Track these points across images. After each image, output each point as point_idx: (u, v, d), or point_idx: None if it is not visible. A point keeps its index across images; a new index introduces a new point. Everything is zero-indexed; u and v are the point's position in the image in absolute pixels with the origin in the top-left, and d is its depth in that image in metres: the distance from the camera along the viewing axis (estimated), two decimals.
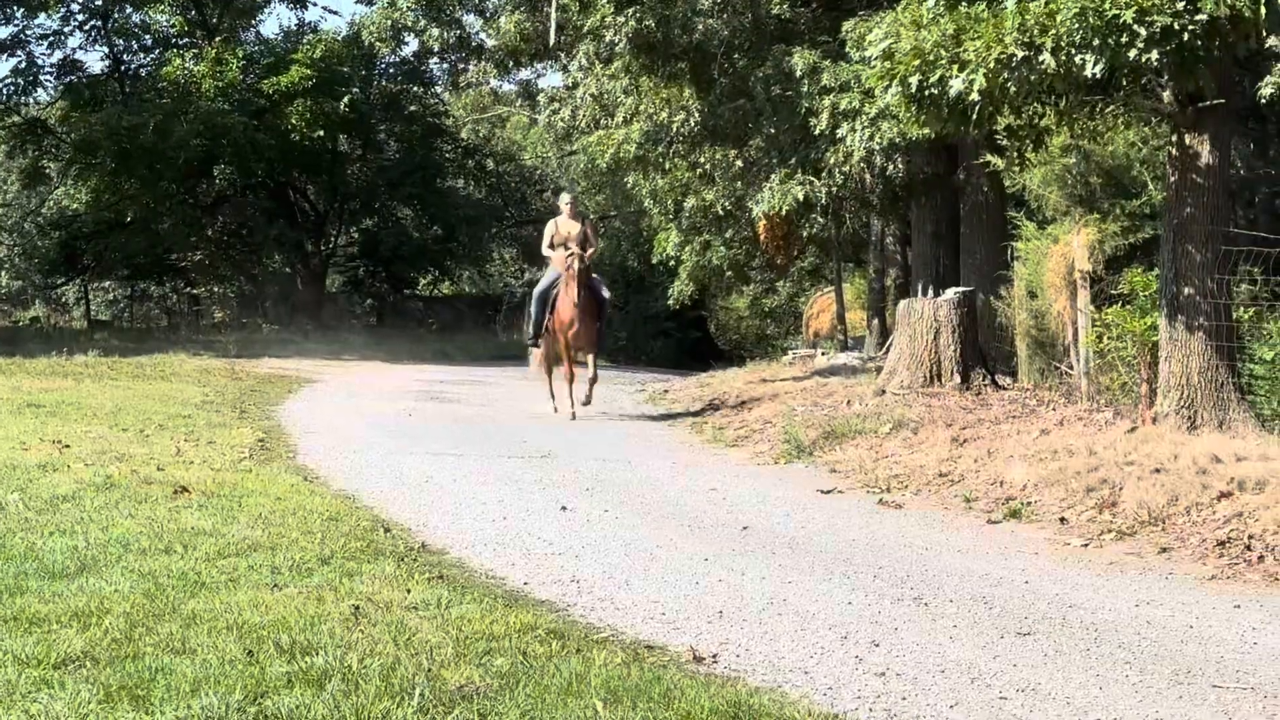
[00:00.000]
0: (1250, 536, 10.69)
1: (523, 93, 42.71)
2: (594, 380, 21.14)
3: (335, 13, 78.68)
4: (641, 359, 41.04)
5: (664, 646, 7.82)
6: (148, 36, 44.01)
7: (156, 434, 16.57)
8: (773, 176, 22.76)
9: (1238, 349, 15.14)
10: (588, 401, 20.82)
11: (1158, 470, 12.18)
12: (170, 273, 45.71)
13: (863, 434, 16.01)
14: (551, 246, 21.10)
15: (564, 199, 22.10)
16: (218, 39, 41.89)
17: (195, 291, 46.92)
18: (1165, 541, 11.01)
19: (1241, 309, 15.93)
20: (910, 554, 10.75)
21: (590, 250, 20.86)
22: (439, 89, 45.28)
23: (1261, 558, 10.31)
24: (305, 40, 41.74)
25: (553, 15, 25.80)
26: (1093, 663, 7.71)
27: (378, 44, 33.83)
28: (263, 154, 40.09)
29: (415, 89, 44.52)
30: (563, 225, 21.00)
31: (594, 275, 21.44)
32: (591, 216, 25.39)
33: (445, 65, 40.73)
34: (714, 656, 7.63)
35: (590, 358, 21.40)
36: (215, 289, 46.37)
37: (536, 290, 21.69)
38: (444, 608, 8.31)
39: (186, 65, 40.34)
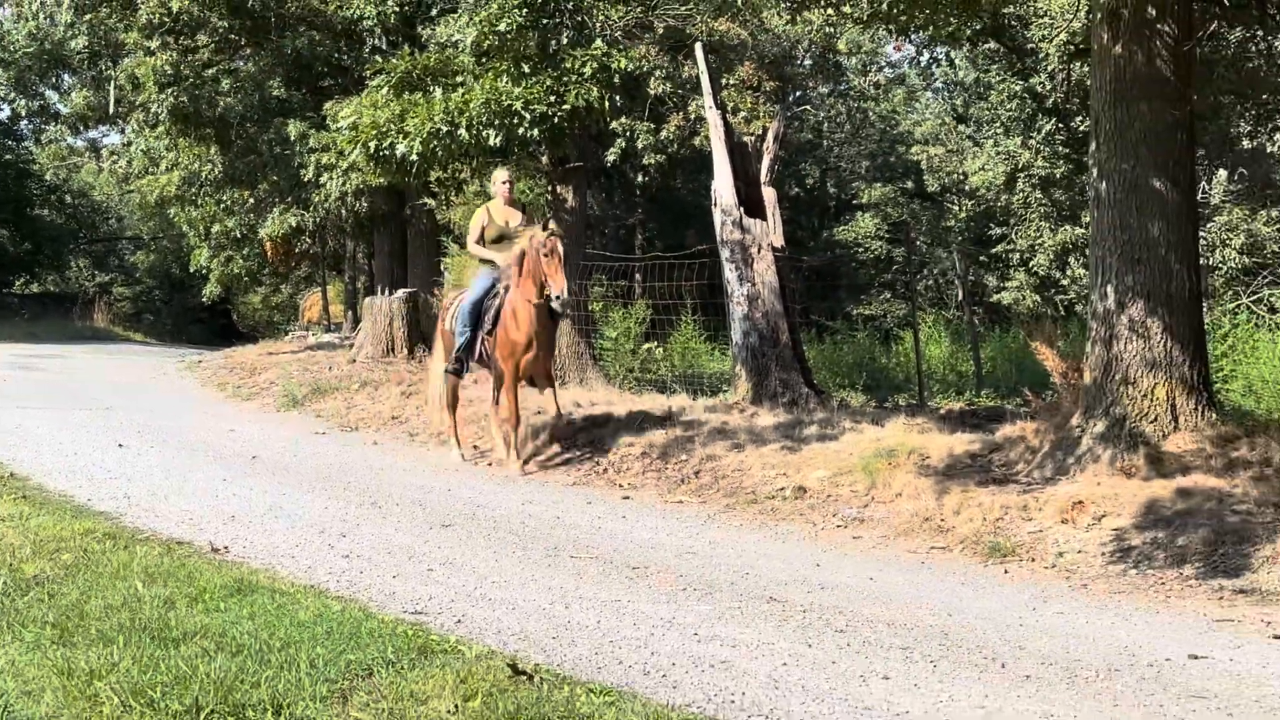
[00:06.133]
0: (598, 457, 11.04)
1: (91, 147, 40.18)
2: (563, 420, 11.68)
3: None
4: (183, 339, 39.35)
5: (190, 542, 7.52)
6: None
7: None
8: (275, 210, 22.57)
9: (593, 330, 15.66)
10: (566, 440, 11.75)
11: (540, 412, 12.42)
12: None
13: (339, 390, 15.77)
14: (482, 242, 11.51)
15: (499, 177, 11.74)
16: None
17: None
18: (546, 458, 11.27)
19: (596, 303, 16.51)
20: (370, 473, 10.68)
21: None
22: (28, 144, 42.15)
23: (605, 470, 10.69)
24: None
25: (111, 93, 25.56)
26: (492, 544, 7.82)
27: None
28: None
29: (9, 143, 41.31)
30: (497, 213, 11.53)
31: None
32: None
33: (31, 126, 38.72)
34: (226, 548, 7.38)
35: (550, 391, 11.49)
36: None
37: (464, 305, 11.46)
38: (25, 520, 7.82)
39: None
